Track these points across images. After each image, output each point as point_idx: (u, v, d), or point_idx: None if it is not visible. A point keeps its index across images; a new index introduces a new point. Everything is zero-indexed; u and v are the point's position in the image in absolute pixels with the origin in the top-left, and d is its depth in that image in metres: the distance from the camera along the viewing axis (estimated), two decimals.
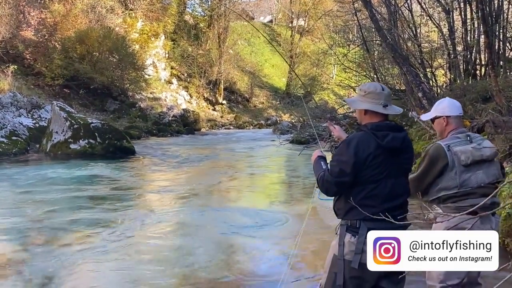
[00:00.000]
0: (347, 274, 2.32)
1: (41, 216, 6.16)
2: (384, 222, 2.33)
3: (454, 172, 2.79)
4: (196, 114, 25.36)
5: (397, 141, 2.39)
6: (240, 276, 4.12)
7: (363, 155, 2.34)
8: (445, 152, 2.81)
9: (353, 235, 2.35)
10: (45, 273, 4.10)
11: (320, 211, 6.08)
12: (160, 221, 6.24)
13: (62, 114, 12.57)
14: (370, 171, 2.35)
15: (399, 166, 2.44)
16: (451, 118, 2.92)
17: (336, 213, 2.50)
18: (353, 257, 2.30)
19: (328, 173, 2.42)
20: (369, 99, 2.47)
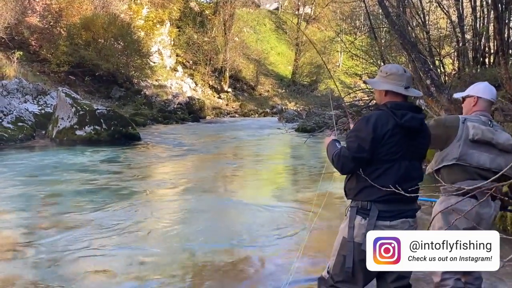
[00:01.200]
0: (356, 256, 2.29)
1: (47, 201, 6.18)
2: (394, 204, 2.28)
3: (459, 144, 2.76)
4: (201, 101, 25.32)
5: (415, 121, 2.35)
6: (247, 263, 4.11)
7: (381, 132, 2.30)
8: (459, 122, 2.80)
9: (363, 217, 2.31)
10: (52, 256, 4.12)
11: (328, 199, 6.06)
12: (165, 207, 6.25)
13: (68, 100, 12.56)
14: (386, 149, 2.30)
15: (414, 149, 2.39)
16: (481, 100, 2.89)
17: (347, 193, 2.47)
18: (363, 239, 2.26)
19: (345, 149, 2.37)
20: (390, 80, 2.43)
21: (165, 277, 3.72)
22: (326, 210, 5.50)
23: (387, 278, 2.38)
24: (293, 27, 37.35)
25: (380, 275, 2.39)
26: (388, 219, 2.29)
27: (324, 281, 2.45)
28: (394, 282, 2.37)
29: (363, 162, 2.33)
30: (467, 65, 12.60)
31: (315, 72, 34.22)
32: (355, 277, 2.32)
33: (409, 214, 2.36)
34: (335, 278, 2.39)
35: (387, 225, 2.29)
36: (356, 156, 2.32)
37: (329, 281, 2.41)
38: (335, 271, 2.39)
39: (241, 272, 3.90)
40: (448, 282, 2.75)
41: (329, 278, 2.42)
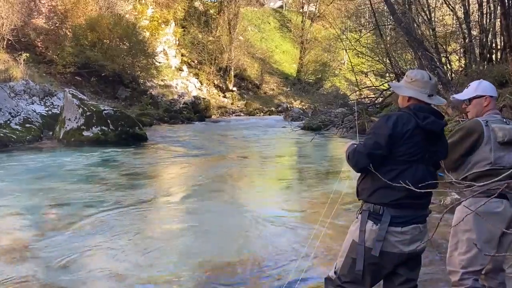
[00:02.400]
0: (366, 260, 2.29)
1: (55, 202, 6.22)
2: (407, 210, 2.29)
3: (489, 148, 2.71)
4: (206, 101, 25.34)
5: (437, 125, 2.34)
6: (255, 263, 4.12)
7: (401, 130, 2.28)
8: (482, 126, 2.75)
9: (375, 223, 2.30)
10: (61, 256, 4.14)
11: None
12: (172, 208, 6.27)
13: (74, 101, 12.62)
14: (404, 149, 2.29)
15: (432, 155, 2.38)
16: (493, 99, 2.87)
17: (359, 193, 2.44)
18: (375, 244, 2.27)
19: (362, 145, 2.37)
20: (414, 86, 2.42)
21: (174, 278, 3.74)
22: (338, 211, 5.50)
23: (395, 281, 2.39)
24: (297, 25, 37.31)
25: (387, 277, 2.40)
26: (400, 225, 2.28)
27: (331, 281, 2.45)
28: (401, 284, 2.38)
29: (378, 159, 2.31)
30: (474, 62, 12.54)
31: (321, 70, 34.14)
32: (363, 279, 2.33)
33: (420, 220, 2.35)
34: (343, 279, 2.39)
35: (398, 231, 2.28)
36: (372, 152, 2.31)
37: (336, 281, 2.42)
38: (343, 272, 2.40)
39: (249, 272, 3.91)
40: (467, 282, 2.73)
41: (336, 279, 2.42)
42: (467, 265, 2.74)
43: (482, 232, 2.70)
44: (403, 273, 2.37)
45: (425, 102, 2.41)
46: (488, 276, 2.89)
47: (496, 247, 2.75)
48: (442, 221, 3.49)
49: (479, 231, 2.70)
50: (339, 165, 9.89)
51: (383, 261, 2.28)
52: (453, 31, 13.93)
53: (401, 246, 2.28)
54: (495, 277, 2.88)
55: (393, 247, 2.27)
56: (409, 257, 2.33)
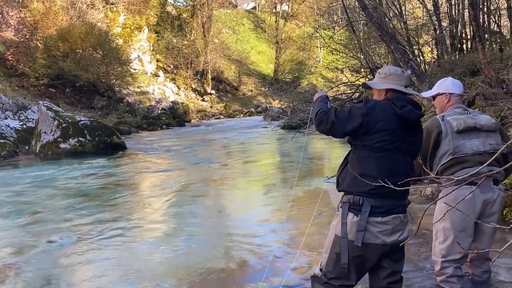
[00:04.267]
0: (350, 253, 2.30)
1: (36, 216, 6.08)
2: (386, 200, 2.30)
3: (448, 139, 2.83)
4: (185, 105, 25.22)
5: (414, 114, 2.37)
6: (242, 264, 4.10)
7: (377, 115, 2.32)
8: (439, 122, 2.88)
9: (355, 214, 2.32)
10: (45, 272, 4.05)
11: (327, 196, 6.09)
12: (157, 213, 6.20)
13: (49, 113, 12.38)
14: (381, 136, 2.31)
15: (409, 144, 2.41)
16: (453, 96, 3.00)
17: (339, 183, 2.46)
18: (356, 235, 2.28)
19: (335, 111, 2.39)
20: (390, 80, 2.49)
21: (162, 283, 3.69)
22: (322, 207, 5.52)
23: (380, 274, 2.41)
24: (271, 25, 37.43)
25: (373, 270, 2.42)
26: (380, 215, 2.30)
27: (317, 279, 2.45)
28: (387, 277, 2.40)
29: (339, 133, 2.36)
30: (446, 52, 12.77)
31: (297, 68, 34.35)
32: (349, 273, 2.34)
33: (400, 210, 2.37)
34: (329, 275, 2.40)
35: (379, 221, 2.30)
36: (338, 123, 2.34)
37: (323, 278, 2.42)
38: (328, 268, 2.40)
39: (235, 274, 3.89)
40: (447, 270, 2.79)
41: (322, 276, 2.42)
42: (446, 254, 2.79)
43: (455, 221, 2.77)
44: (388, 266, 2.38)
45: (402, 92, 2.47)
46: (473, 264, 2.95)
47: (472, 235, 2.80)
48: (427, 211, 3.53)
49: (452, 220, 2.77)
50: (321, 162, 9.93)
51: (367, 253, 2.30)
52: (424, 23, 14.16)
53: (383, 237, 2.29)
54: (479, 265, 2.94)
55: (376, 238, 2.28)
56: (392, 248, 2.34)
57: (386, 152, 2.33)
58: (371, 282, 2.48)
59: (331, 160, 10.64)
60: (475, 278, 2.93)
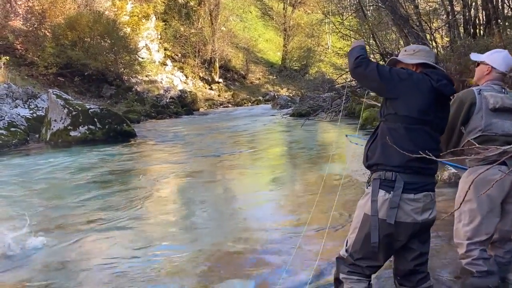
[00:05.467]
0: (380, 231, 2.22)
1: (49, 203, 6.09)
2: (418, 176, 2.22)
3: (480, 115, 2.71)
4: (193, 94, 25.16)
5: (449, 89, 2.29)
6: (253, 249, 4.06)
7: (415, 84, 2.24)
8: (474, 94, 2.75)
9: (387, 191, 2.22)
10: (59, 257, 4.05)
11: (329, 182, 6.04)
12: (168, 199, 6.20)
13: (59, 101, 12.39)
14: (417, 105, 2.22)
15: (440, 121, 2.32)
16: (495, 71, 2.83)
17: (368, 157, 2.34)
18: (388, 212, 2.19)
19: (375, 63, 2.31)
20: (419, 55, 2.39)
21: (175, 270, 3.67)
22: (331, 191, 5.46)
23: (408, 256, 2.33)
24: (279, 12, 37.09)
25: (399, 252, 2.34)
26: (413, 192, 2.21)
27: (343, 261, 2.37)
28: (415, 259, 2.32)
29: (373, 82, 2.28)
30: (458, 37, 12.55)
31: (305, 56, 34.08)
32: (377, 253, 2.26)
33: (431, 187, 2.29)
34: (355, 256, 2.32)
35: (411, 199, 2.21)
36: (377, 72, 2.24)
37: (349, 259, 2.34)
38: (355, 248, 2.32)
39: (249, 261, 3.85)
40: (473, 253, 2.71)
41: (348, 257, 2.35)
42: (472, 236, 2.71)
43: (482, 202, 2.67)
44: (416, 247, 2.31)
45: (434, 67, 2.37)
46: (495, 245, 2.87)
47: (499, 215, 2.72)
48: (442, 196, 3.44)
49: (479, 200, 2.67)
50: (330, 148, 9.86)
51: (398, 232, 2.21)
52: (436, 8, 13.91)
53: (414, 215, 2.20)
54: (501, 246, 2.86)
55: (407, 216, 2.20)
56: (421, 228, 2.26)
57: (420, 125, 2.24)
58: (397, 264, 2.40)
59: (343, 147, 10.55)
60: (498, 259, 2.86)
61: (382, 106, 2.35)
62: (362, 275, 2.31)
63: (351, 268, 2.33)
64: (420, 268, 2.34)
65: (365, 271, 2.31)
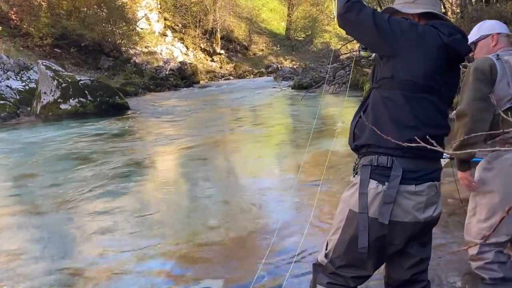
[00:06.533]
0: (371, 234, 1.70)
1: (40, 178, 5.78)
2: (421, 161, 1.68)
3: (506, 82, 2.16)
4: (193, 66, 24.49)
5: (464, 46, 1.75)
6: (255, 229, 3.78)
7: (419, 37, 1.69)
8: (493, 60, 2.19)
9: (380, 182, 1.68)
10: (57, 233, 3.92)
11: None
12: (163, 176, 5.86)
13: (48, 73, 11.89)
14: (421, 66, 1.68)
15: (448, 88, 1.77)
16: (501, 36, 2.31)
17: (355, 136, 1.81)
18: (382, 209, 1.66)
19: (371, 9, 1.77)
20: (423, 4, 1.82)
21: (169, 246, 3.41)
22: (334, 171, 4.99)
23: (404, 263, 1.82)
24: None
25: (393, 258, 1.83)
26: (414, 182, 1.68)
27: (321, 268, 1.86)
28: (413, 267, 1.82)
29: (366, 31, 1.73)
30: (470, 3, 11.83)
31: (310, 26, 33.09)
32: (365, 261, 1.75)
33: (436, 176, 1.76)
34: (337, 263, 1.80)
35: (411, 191, 1.68)
36: (372, 20, 1.70)
37: (329, 267, 1.82)
38: (337, 253, 1.80)
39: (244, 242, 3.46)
40: (487, 255, 2.21)
41: (328, 264, 1.83)
42: (487, 235, 2.21)
43: (509, 195, 2.13)
44: (415, 252, 1.80)
45: (443, 19, 1.81)
46: None
47: None
48: (448, 176, 2.92)
49: (504, 193, 2.15)
50: (331, 121, 9.36)
51: (393, 234, 1.70)
52: None
53: (415, 212, 1.69)
54: None
55: (406, 214, 1.68)
56: (424, 228, 1.75)
57: (425, 93, 1.69)
58: (390, 272, 1.90)
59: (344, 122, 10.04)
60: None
61: (375, 68, 1.80)
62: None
63: (331, 279, 1.82)
64: (419, 276, 1.85)
65: (349, 282, 1.81)
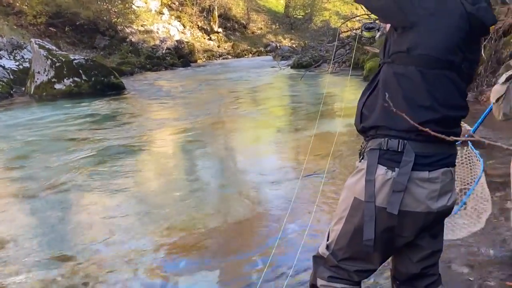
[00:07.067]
0: (378, 225, 1.53)
1: (33, 159, 5.64)
2: (436, 145, 1.49)
3: None
4: (190, 45, 24.08)
5: (490, 16, 1.53)
6: (253, 215, 3.67)
7: (442, 7, 1.47)
8: None
9: (390, 168, 1.50)
10: (48, 218, 3.77)
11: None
12: (158, 160, 5.67)
13: (41, 52, 11.60)
14: (440, 38, 1.47)
15: (469, 65, 1.56)
16: None
17: (363, 116, 1.62)
18: (391, 198, 1.49)
19: None
20: None
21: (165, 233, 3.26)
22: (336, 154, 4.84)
23: (413, 256, 1.66)
24: None
25: (401, 250, 1.66)
26: (428, 168, 1.50)
27: (323, 261, 1.70)
28: (423, 260, 1.66)
29: (383, 2, 1.52)
30: None
31: (309, 4, 32.50)
32: (371, 254, 1.59)
33: (451, 161, 1.58)
34: (340, 255, 1.65)
35: (424, 178, 1.50)
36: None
37: (330, 259, 1.67)
38: (340, 245, 1.64)
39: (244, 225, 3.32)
40: None
41: (329, 256, 1.67)
42: None
43: None
44: (426, 245, 1.64)
45: None
46: None
47: None
48: None
49: None
50: (331, 102, 9.17)
51: (403, 225, 1.53)
52: None
53: (428, 202, 1.51)
54: None
55: (418, 204, 1.51)
56: (436, 218, 1.58)
57: (444, 69, 1.50)
58: (397, 265, 1.74)
59: (343, 100, 9.82)
60: None
61: (387, 41, 1.60)
62: (348, 282, 1.67)
63: (333, 272, 1.67)
64: (430, 270, 1.69)
65: (352, 276, 1.66)
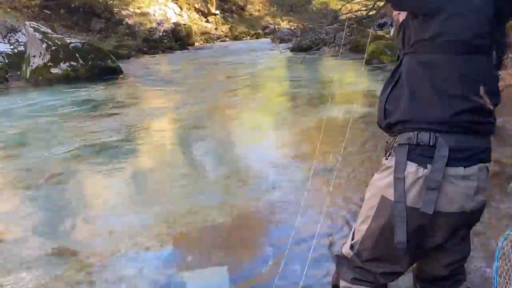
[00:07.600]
0: (410, 226, 1.42)
1: (29, 147, 5.52)
2: (470, 138, 1.38)
3: None
4: (188, 27, 23.72)
5: None
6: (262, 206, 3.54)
7: None
8: None
9: (421, 165, 1.39)
10: (45, 209, 3.70)
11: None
12: (157, 148, 5.54)
13: (37, 35, 11.35)
14: (471, 19, 1.34)
15: (499, 47, 1.44)
16: None
17: (387, 112, 1.50)
18: (425, 197, 1.37)
19: None
20: None
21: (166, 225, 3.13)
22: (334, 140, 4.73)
23: (442, 259, 1.56)
24: None
25: (430, 253, 1.57)
26: (463, 163, 1.38)
27: (347, 261, 1.61)
28: (453, 263, 1.57)
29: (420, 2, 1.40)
30: None
31: None
32: (401, 256, 1.48)
33: (487, 156, 1.46)
34: (365, 256, 1.56)
35: (460, 175, 1.38)
36: None
37: (355, 260, 1.58)
38: (366, 246, 1.55)
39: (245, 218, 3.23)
40: None
41: (354, 256, 1.58)
42: None
43: None
44: (456, 248, 1.54)
45: None
46: None
47: None
48: None
49: None
50: (337, 86, 9.04)
51: (434, 226, 1.43)
52: None
53: (463, 201, 1.40)
54: None
55: (452, 204, 1.39)
56: (469, 218, 1.48)
57: (474, 53, 1.37)
58: (423, 265, 1.65)
59: (343, 85, 9.68)
60: None
61: (405, 30, 1.47)
62: (373, 285, 1.58)
63: (357, 274, 1.59)
64: (457, 271, 1.61)
65: (378, 279, 1.57)
